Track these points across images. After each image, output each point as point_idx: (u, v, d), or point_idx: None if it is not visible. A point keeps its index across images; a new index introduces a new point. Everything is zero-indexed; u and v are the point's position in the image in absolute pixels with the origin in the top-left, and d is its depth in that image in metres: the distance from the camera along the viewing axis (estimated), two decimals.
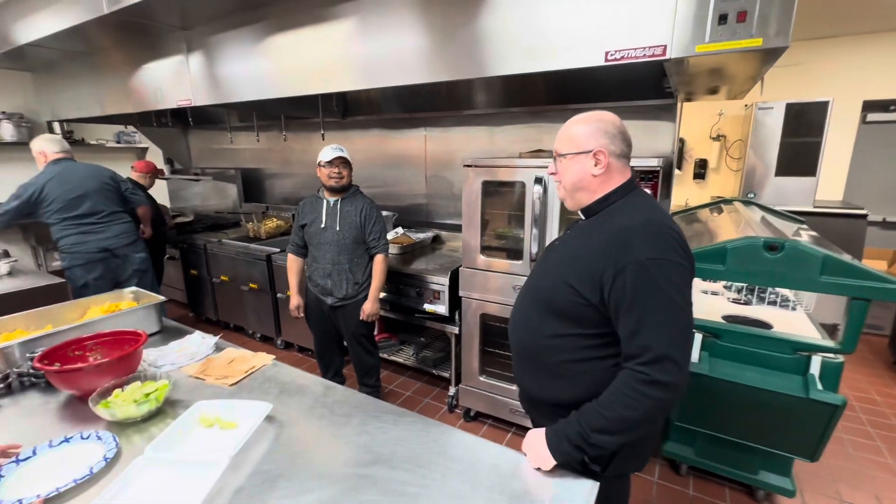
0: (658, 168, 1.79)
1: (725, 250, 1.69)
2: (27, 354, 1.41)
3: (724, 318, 2.01)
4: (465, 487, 0.97)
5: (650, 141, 2.40)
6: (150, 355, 1.56)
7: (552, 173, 1.11)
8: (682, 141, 4.49)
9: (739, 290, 2.31)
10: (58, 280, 2.45)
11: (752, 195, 3.82)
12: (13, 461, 1.01)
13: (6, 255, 2.69)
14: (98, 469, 0.99)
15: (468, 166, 2.20)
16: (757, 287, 2.23)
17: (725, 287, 2.39)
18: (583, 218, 1.11)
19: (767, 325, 1.92)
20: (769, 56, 1.37)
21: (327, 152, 2.19)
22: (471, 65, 1.80)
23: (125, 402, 1.19)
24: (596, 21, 1.51)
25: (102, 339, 1.50)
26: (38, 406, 1.30)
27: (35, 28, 2.69)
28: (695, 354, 1.80)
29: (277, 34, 2.31)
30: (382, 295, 2.67)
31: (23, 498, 0.90)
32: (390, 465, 1.04)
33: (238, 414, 1.18)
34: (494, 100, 2.76)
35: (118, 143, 5.00)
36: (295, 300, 2.40)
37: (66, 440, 1.10)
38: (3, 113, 4.20)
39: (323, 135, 3.12)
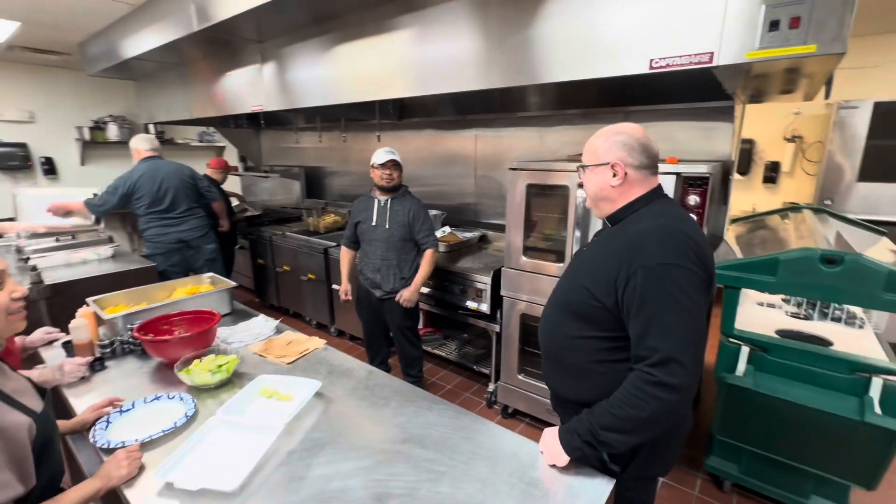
0: (707, 175, 1.74)
1: (777, 261, 1.62)
2: (127, 326, 1.69)
3: (778, 332, 1.91)
4: (487, 471, 1.06)
5: (706, 144, 2.31)
6: (223, 333, 1.79)
7: (579, 183, 1.15)
8: (750, 142, 4.21)
9: (799, 305, 2.17)
10: (149, 264, 2.81)
11: (829, 202, 3.52)
12: (118, 411, 1.24)
13: (111, 240, 3.12)
14: (180, 424, 1.20)
15: (513, 169, 2.25)
16: (819, 302, 2.09)
17: (784, 300, 2.25)
18: (609, 225, 1.15)
19: (826, 343, 1.81)
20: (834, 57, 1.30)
21: (380, 155, 2.34)
22: (521, 73, 1.85)
23: (202, 370, 1.40)
24: (641, 28, 1.50)
25: (185, 317, 1.75)
26: (135, 368, 1.56)
27: (138, 44, 3.10)
28: (740, 367, 1.75)
29: (341, 45, 2.50)
30: (427, 290, 2.80)
31: (125, 440, 1.12)
32: (421, 444, 1.15)
33: (293, 388, 1.35)
34: (547, 102, 2.77)
35: (200, 142, 5.59)
36: (344, 286, 2.59)
37: (157, 398, 1.32)
38: (111, 116, 4.85)
39: (379, 136, 3.30)
